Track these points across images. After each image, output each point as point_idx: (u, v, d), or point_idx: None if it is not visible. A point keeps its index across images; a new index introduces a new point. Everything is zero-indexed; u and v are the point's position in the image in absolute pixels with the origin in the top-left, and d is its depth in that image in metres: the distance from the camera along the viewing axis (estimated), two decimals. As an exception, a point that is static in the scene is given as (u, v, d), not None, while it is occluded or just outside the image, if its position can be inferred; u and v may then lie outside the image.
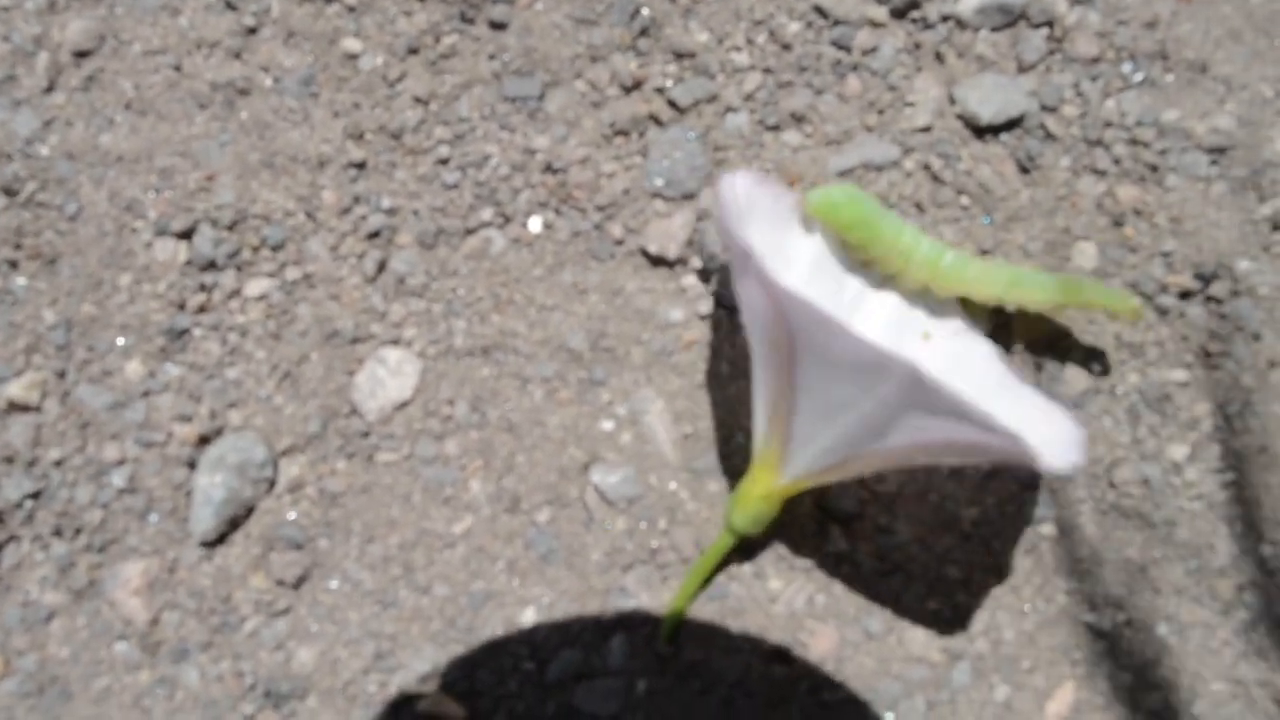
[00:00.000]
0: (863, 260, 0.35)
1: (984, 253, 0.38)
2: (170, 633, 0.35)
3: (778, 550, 0.36)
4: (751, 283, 0.29)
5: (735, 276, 0.30)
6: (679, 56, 0.38)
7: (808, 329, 0.28)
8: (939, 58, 0.38)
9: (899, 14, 0.38)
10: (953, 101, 0.38)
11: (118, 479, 0.36)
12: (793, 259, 0.34)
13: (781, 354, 0.30)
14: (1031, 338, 0.37)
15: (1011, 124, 0.38)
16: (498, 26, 0.38)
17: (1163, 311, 0.38)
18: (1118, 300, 0.35)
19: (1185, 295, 0.38)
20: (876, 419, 0.29)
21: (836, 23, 0.38)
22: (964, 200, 0.38)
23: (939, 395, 0.27)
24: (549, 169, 0.38)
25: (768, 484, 0.33)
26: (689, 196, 0.37)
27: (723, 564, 0.36)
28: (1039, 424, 0.32)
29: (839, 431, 0.30)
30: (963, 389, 0.28)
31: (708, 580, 0.35)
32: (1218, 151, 0.38)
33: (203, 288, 0.37)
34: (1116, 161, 0.38)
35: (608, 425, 0.37)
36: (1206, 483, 0.37)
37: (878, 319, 0.35)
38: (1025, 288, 0.34)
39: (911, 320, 0.35)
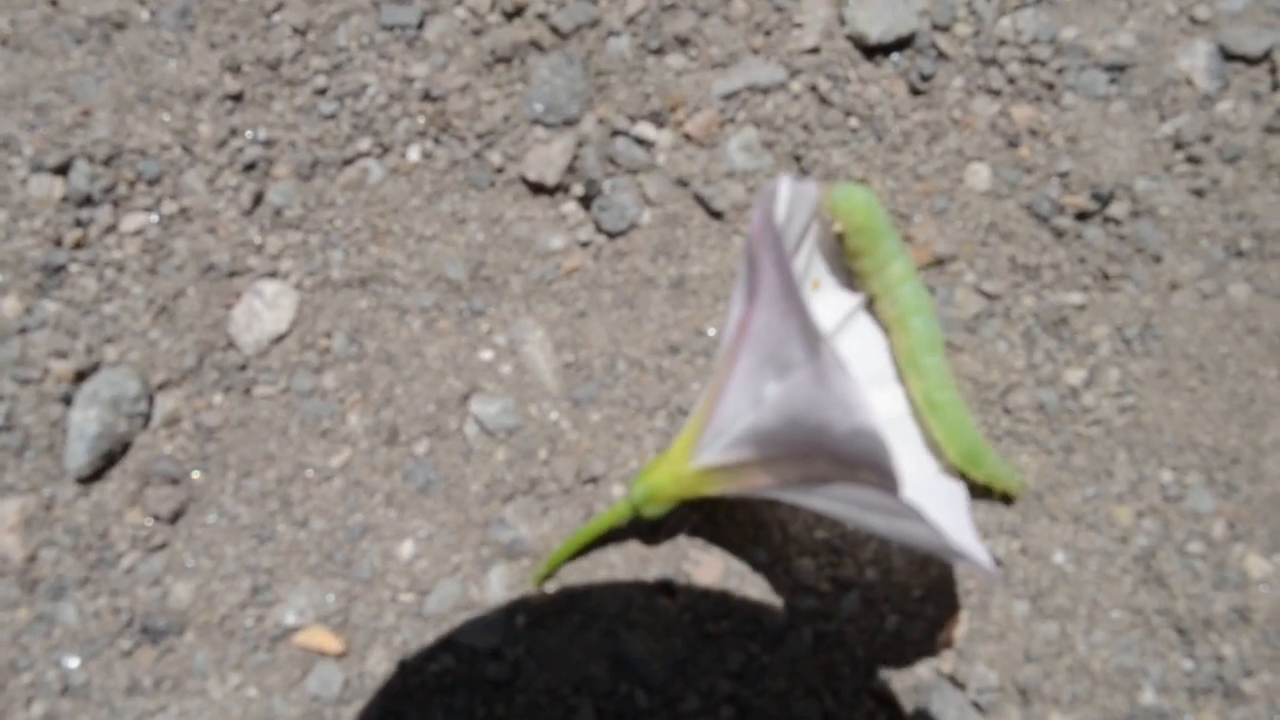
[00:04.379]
0: (849, 269, 0.34)
1: (865, 179, 0.37)
2: (47, 570, 0.35)
3: (662, 480, 0.35)
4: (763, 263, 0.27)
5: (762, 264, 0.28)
6: (560, -19, 0.37)
7: (770, 300, 0.27)
8: (828, -23, 0.37)
9: (786, -67, 0.37)
10: (842, 22, 0.37)
11: (-6, 417, 0.35)
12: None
13: (736, 335, 0.29)
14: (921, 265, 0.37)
15: (902, 44, 0.37)
16: (376, -46, 0.37)
17: (1059, 233, 0.37)
18: (1008, 478, 0.34)
19: (1082, 216, 0.37)
20: (794, 427, 0.28)
21: (722, -57, 0.37)
22: (853, 122, 0.37)
23: (867, 439, 0.25)
24: (428, 97, 0.37)
25: (678, 465, 0.32)
26: (570, 123, 0.37)
27: (611, 536, 0.35)
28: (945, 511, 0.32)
29: (753, 425, 0.29)
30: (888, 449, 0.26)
31: (589, 548, 0.35)
32: (1117, 70, 0.37)
33: (79, 223, 0.36)
34: (1011, 81, 0.37)
35: (487, 355, 0.36)
36: (1104, 408, 0.36)
37: (860, 342, 0.35)
38: (946, 423, 0.33)
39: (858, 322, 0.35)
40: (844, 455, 0.27)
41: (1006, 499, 0.35)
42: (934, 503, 0.31)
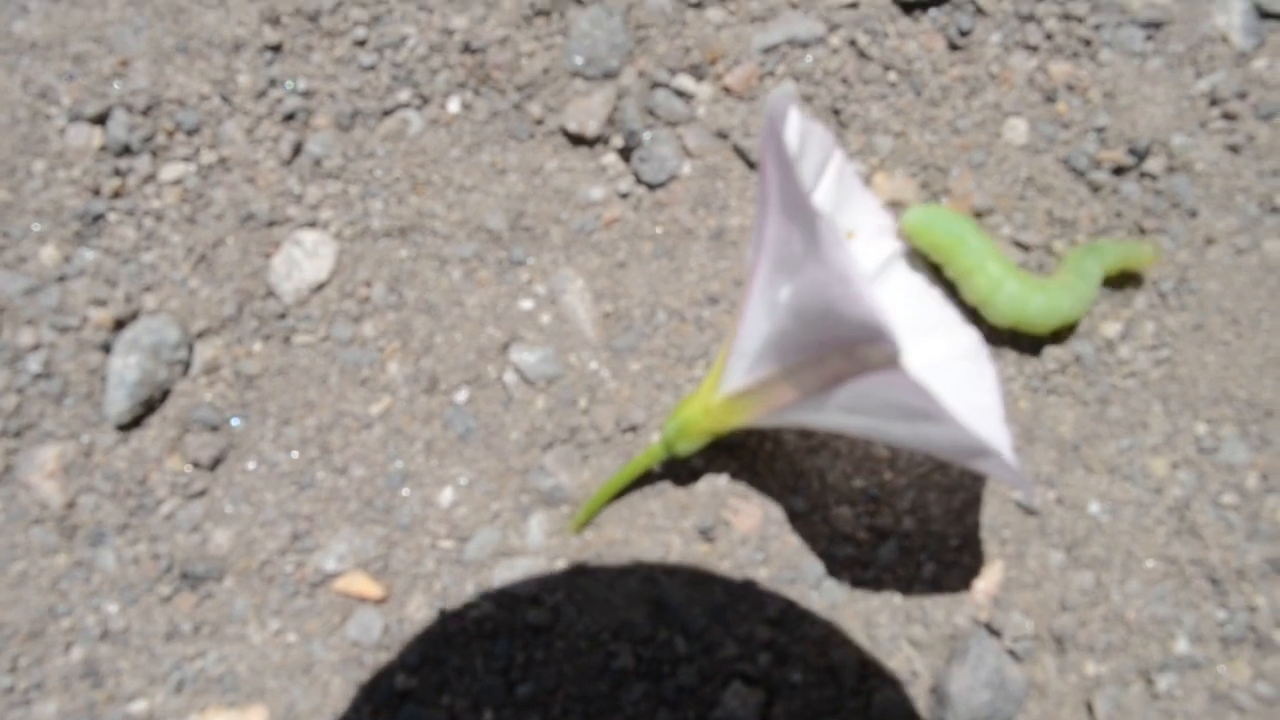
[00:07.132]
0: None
1: (902, 134, 0.37)
2: (86, 516, 0.35)
3: (700, 430, 0.35)
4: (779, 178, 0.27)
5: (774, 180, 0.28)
6: (599, -67, 0.37)
7: (776, 203, 0.27)
8: (866, -68, 0.38)
9: (825, -112, 0.38)
10: (880, -23, 0.37)
11: (33, 364, 0.35)
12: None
13: (754, 257, 0.29)
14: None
15: (940, -1, 0.37)
16: (415, -94, 0.38)
17: (1096, 188, 0.37)
18: (1134, 254, 0.35)
19: (1119, 171, 0.37)
20: (804, 321, 0.27)
21: (760, -103, 0.37)
22: (891, 77, 0.37)
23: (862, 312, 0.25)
24: (467, 49, 0.37)
25: (707, 396, 0.32)
26: (610, 75, 0.37)
27: (650, 484, 0.35)
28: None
29: (770, 333, 0.29)
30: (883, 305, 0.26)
31: (627, 490, 0.35)
32: (1153, 27, 0.37)
33: (117, 173, 0.36)
34: (1049, 37, 0.37)
35: (527, 305, 0.36)
36: (1140, 360, 0.36)
37: (897, 291, 0.35)
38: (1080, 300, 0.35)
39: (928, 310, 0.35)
40: (848, 334, 0.26)
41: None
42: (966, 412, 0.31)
